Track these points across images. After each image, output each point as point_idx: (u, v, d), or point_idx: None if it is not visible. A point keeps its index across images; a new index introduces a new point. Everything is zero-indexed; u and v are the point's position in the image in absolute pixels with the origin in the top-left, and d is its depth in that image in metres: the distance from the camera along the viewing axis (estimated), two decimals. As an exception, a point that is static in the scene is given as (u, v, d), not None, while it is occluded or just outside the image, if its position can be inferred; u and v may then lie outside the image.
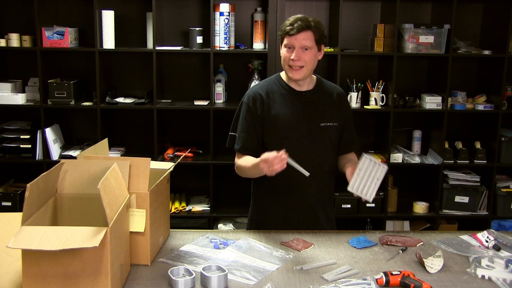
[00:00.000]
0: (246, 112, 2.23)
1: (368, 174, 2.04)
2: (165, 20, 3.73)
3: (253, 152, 2.22)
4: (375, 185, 2.02)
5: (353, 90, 3.64)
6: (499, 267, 1.81)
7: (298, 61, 2.14)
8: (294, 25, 2.12)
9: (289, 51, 2.16)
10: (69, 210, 1.77)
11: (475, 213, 3.71)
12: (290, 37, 2.14)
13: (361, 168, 2.05)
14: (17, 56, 3.72)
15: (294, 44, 2.13)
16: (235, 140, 2.25)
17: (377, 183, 2.02)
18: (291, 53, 2.15)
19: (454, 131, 3.82)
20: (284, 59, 2.18)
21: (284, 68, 2.22)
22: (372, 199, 2.03)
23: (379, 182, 2.03)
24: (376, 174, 2.03)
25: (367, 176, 2.04)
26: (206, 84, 3.69)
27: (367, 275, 1.76)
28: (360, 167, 2.05)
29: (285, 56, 2.17)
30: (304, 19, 2.14)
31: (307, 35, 2.13)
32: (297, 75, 2.17)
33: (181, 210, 3.64)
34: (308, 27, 2.12)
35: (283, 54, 2.18)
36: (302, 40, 2.13)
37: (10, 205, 3.46)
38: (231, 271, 1.77)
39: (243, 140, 2.23)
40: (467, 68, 3.86)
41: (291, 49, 2.15)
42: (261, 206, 2.32)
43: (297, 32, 2.12)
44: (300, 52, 2.14)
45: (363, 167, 2.05)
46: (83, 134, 3.80)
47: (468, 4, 3.76)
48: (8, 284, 1.60)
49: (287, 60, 2.16)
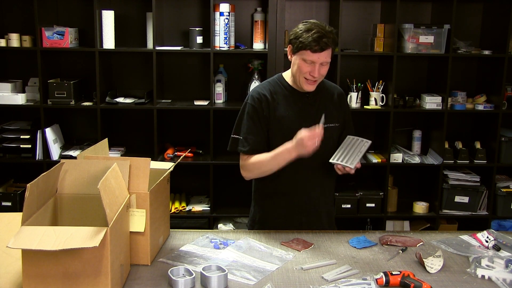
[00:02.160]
0: (252, 112, 2.18)
1: (351, 147, 2.12)
2: (165, 20, 3.73)
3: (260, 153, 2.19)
4: (358, 156, 2.07)
5: (353, 90, 3.64)
6: (499, 267, 1.81)
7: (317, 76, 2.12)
8: (319, 43, 2.03)
9: (308, 66, 2.09)
10: (69, 210, 1.77)
11: (475, 213, 3.71)
12: (312, 54, 2.06)
13: (344, 144, 2.13)
14: (17, 56, 3.72)
15: (316, 61, 2.07)
16: (239, 142, 2.20)
17: (360, 154, 2.08)
18: (310, 68, 2.08)
19: (454, 131, 3.82)
20: (301, 72, 2.11)
21: (297, 79, 2.15)
22: (353, 167, 2.06)
23: (362, 154, 2.08)
24: (360, 148, 2.10)
25: (349, 148, 2.12)
26: (206, 84, 3.69)
27: (367, 275, 1.76)
28: (343, 144, 2.14)
29: (303, 70, 2.10)
30: (327, 35, 2.05)
31: (329, 52, 2.09)
32: (312, 87, 2.16)
33: (181, 210, 3.64)
34: (330, 44, 2.07)
35: (301, 66, 2.10)
36: (324, 58, 2.08)
37: (10, 205, 3.46)
38: (231, 271, 1.77)
39: (252, 141, 2.17)
40: (467, 68, 3.86)
41: (311, 64, 2.09)
42: (263, 207, 2.31)
43: (321, 51, 2.05)
44: (320, 67, 2.09)
45: (346, 142, 2.14)
46: (83, 134, 3.80)
47: (468, 4, 3.76)
48: (8, 284, 1.60)
49: (304, 73, 2.11)
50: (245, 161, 2.20)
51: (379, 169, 3.78)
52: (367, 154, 3.76)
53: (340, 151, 2.11)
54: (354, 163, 2.05)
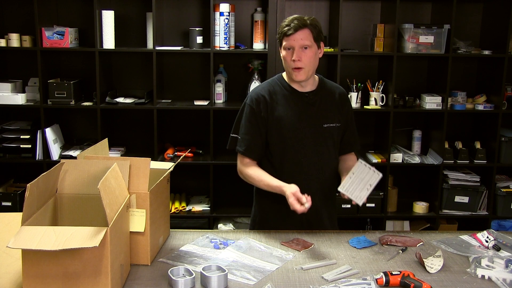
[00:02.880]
0: (250, 113, 2.21)
1: (361, 178, 2.04)
2: (165, 20, 3.73)
3: (257, 154, 2.22)
4: (367, 190, 2.01)
5: (353, 90, 3.64)
6: (499, 267, 1.81)
7: (299, 61, 2.12)
8: (290, 25, 2.11)
9: (289, 52, 2.14)
10: (69, 210, 1.77)
11: (475, 213, 3.71)
12: (288, 38, 2.12)
13: (354, 171, 2.05)
14: (17, 56, 3.72)
15: (293, 44, 2.12)
16: (237, 142, 2.24)
17: (370, 188, 2.02)
18: (291, 54, 2.13)
19: (454, 131, 3.82)
20: (286, 61, 2.16)
21: (287, 71, 2.20)
22: (362, 203, 2.02)
23: (372, 188, 2.02)
24: (370, 180, 2.03)
25: (359, 179, 2.04)
26: (206, 84, 3.69)
27: (367, 275, 1.76)
28: (354, 171, 2.06)
29: (286, 58, 2.15)
30: (299, 18, 2.12)
31: (305, 33, 2.11)
32: (300, 76, 2.16)
33: (181, 210, 3.64)
34: (304, 25, 2.11)
35: (284, 56, 2.17)
36: (300, 40, 2.11)
37: (10, 205, 3.46)
38: (231, 271, 1.77)
39: (248, 142, 2.21)
40: (467, 68, 3.86)
41: (291, 50, 2.13)
42: (264, 207, 2.32)
43: (295, 31, 2.10)
44: (300, 52, 2.12)
45: (356, 170, 2.06)
46: (83, 134, 3.80)
47: (468, 4, 3.76)
48: (8, 284, 1.60)
49: (289, 62, 2.14)
50: (243, 164, 2.24)
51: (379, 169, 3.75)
52: (367, 154, 3.76)
53: (350, 180, 2.05)
54: (362, 199, 2.01)
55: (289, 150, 2.20)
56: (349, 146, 2.35)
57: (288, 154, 2.20)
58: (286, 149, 2.20)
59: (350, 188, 2.04)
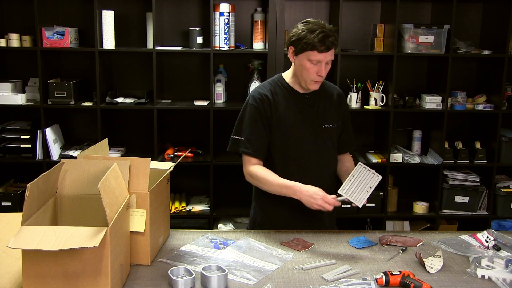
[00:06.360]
0: (254, 113, 2.17)
1: (361, 180, 2.04)
2: (165, 20, 3.73)
3: (264, 155, 2.19)
4: (367, 193, 2.02)
5: (353, 90, 3.64)
6: (499, 267, 1.81)
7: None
8: (325, 43, 2.04)
9: (314, 66, 2.09)
10: (69, 210, 1.77)
11: (475, 213, 3.71)
12: (319, 54, 2.06)
13: (354, 174, 2.06)
14: (17, 56, 3.72)
15: (322, 60, 2.08)
16: (240, 143, 2.19)
17: (369, 190, 2.02)
18: (316, 68, 2.09)
19: (454, 131, 3.82)
20: (310, 73, 2.11)
21: (304, 80, 2.15)
22: (361, 205, 2.03)
23: (371, 190, 2.02)
24: (370, 183, 2.03)
25: (359, 182, 2.04)
26: (206, 84, 3.69)
27: (367, 275, 1.76)
28: (353, 173, 2.06)
29: (311, 71, 2.10)
30: (332, 35, 2.06)
31: (333, 50, 2.10)
32: (317, 86, 2.17)
33: (181, 210, 3.64)
34: (334, 44, 2.08)
35: (308, 67, 2.10)
36: (329, 56, 2.09)
37: (10, 205, 3.46)
38: (231, 271, 1.77)
39: (254, 143, 2.17)
40: (467, 68, 3.86)
41: (317, 65, 2.09)
42: (264, 207, 2.31)
43: (328, 50, 2.07)
44: (326, 67, 2.11)
45: (356, 173, 2.06)
46: (83, 134, 3.80)
47: (468, 4, 3.76)
48: (8, 284, 1.60)
49: (313, 75, 2.11)
50: (251, 165, 2.18)
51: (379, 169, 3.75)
52: (367, 154, 3.76)
53: (349, 182, 2.05)
54: (362, 201, 2.01)
55: (291, 151, 2.20)
56: (345, 146, 2.35)
57: (290, 154, 2.20)
58: (288, 149, 2.20)
59: (350, 190, 2.04)
